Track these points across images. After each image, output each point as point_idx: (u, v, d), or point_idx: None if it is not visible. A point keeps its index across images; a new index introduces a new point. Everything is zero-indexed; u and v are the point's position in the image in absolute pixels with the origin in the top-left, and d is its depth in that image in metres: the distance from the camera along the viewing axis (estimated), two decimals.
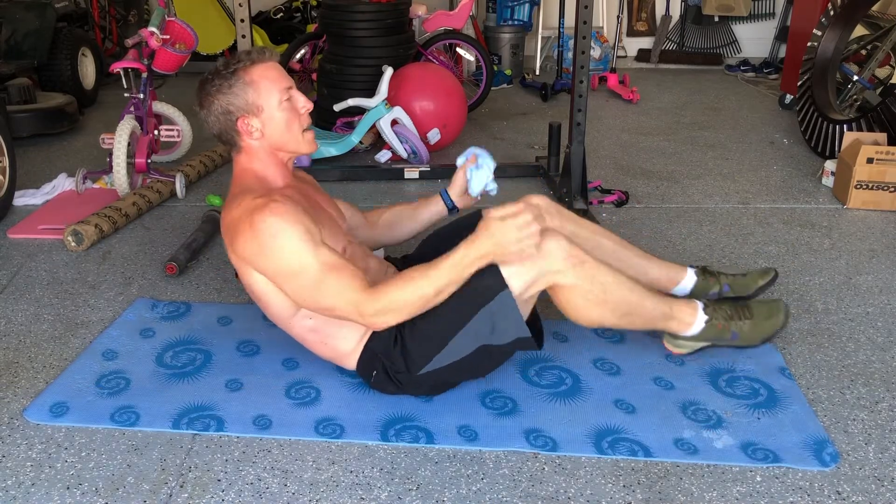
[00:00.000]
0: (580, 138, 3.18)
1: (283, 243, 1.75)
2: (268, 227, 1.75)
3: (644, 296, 1.96)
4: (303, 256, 1.75)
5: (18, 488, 1.67)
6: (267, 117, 1.86)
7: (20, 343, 2.25)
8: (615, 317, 1.93)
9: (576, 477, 1.70)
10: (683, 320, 2.03)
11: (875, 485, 1.67)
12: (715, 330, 2.05)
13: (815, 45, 4.05)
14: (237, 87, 1.84)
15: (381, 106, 3.77)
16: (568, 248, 1.84)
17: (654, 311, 1.98)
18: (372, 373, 1.93)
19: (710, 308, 2.05)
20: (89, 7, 5.45)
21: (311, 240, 1.77)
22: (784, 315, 2.11)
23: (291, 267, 1.77)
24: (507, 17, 5.92)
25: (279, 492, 1.66)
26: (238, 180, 1.93)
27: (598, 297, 1.88)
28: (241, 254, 1.83)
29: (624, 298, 1.91)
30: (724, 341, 2.08)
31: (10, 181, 3.24)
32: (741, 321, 2.07)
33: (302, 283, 1.78)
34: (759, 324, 2.08)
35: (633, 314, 1.95)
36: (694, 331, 2.05)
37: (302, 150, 1.94)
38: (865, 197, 3.21)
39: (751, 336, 2.08)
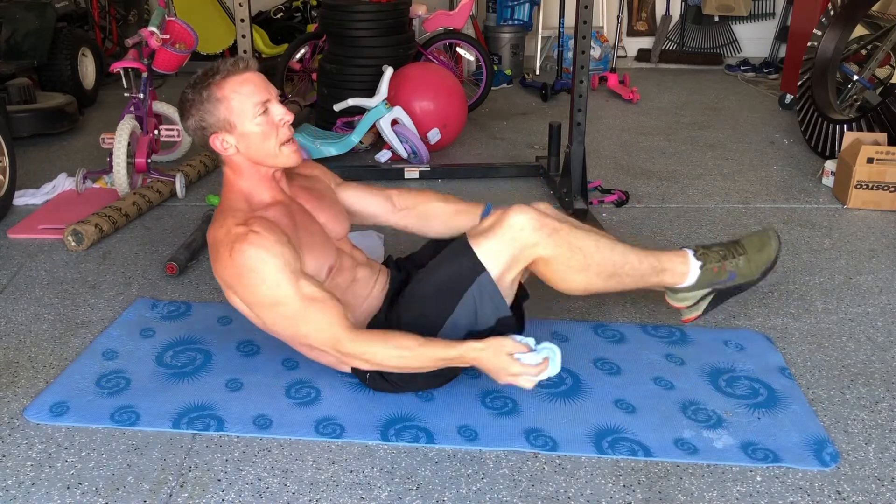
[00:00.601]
0: (580, 138, 3.18)
1: (262, 276, 1.74)
2: (246, 260, 1.73)
3: (627, 251, 1.92)
4: (281, 289, 1.75)
5: (18, 488, 1.67)
6: (240, 133, 1.81)
7: (20, 343, 2.25)
8: (602, 279, 1.90)
9: (576, 477, 1.70)
10: (676, 270, 1.98)
11: (875, 485, 1.67)
12: (711, 274, 1.98)
13: (815, 45, 4.05)
14: (209, 103, 1.80)
15: (381, 106, 3.77)
16: (537, 218, 1.82)
17: (641, 266, 1.93)
18: (366, 374, 1.93)
19: (700, 252, 1.99)
20: (89, 7, 5.45)
21: (291, 272, 1.75)
22: (776, 242, 2.03)
23: (270, 299, 1.77)
24: (507, 16, 5.92)
25: (279, 492, 1.66)
26: (225, 194, 1.91)
27: (580, 263, 1.86)
28: (221, 278, 1.84)
29: (607, 259, 1.88)
30: (723, 283, 2.00)
31: (10, 181, 3.24)
32: (735, 258, 1.99)
33: (281, 314, 1.79)
34: (754, 257, 2.00)
35: (620, 274, 1.91)
36: (690, 280, 1.99)
37: (280, 165, 1.88)
38: (865, 197, 3.21)
39: (749, 271, 2.00)
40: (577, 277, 1.89)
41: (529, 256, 1.84)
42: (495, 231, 1.82)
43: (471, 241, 1.84)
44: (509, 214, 1.82)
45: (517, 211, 1.82)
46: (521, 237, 1.81)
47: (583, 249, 1.86)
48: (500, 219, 1.84)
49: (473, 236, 1.85)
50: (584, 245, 1.86)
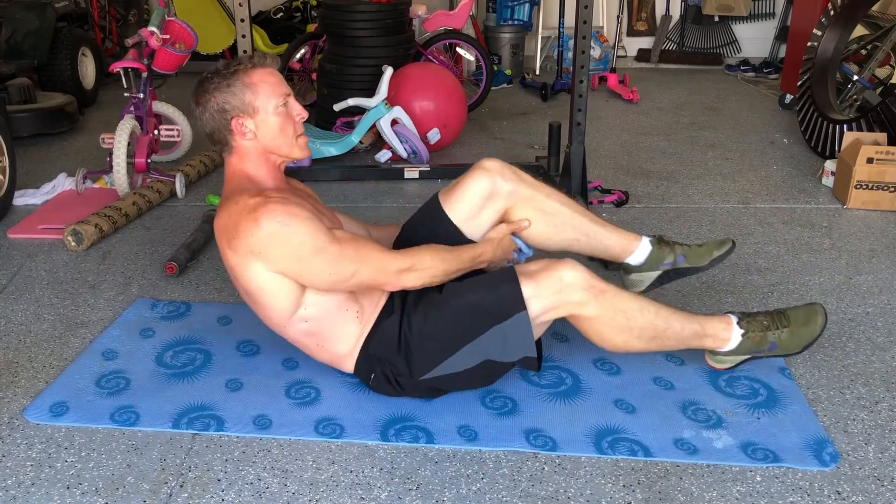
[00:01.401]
0: (580, 138, 3.18)
1: (294, 229, 1.76)
2: (274, 218, 1.75)
3: (670, 318, 1.92)
4: (317, 236, 1.78)
5: (18, 488, 1.67)
6: (261, 120, 1.87)
7: (20, 343, 2.25)
8: (642, 342, 1.92)
9: (576, 477, 1.70)
10: (718, 336, 1.97)
11: (875, 485, 1.67)
12: (752, 342, 1.97)
13: (815, 45, 4.05)
14: (236, 86, 1.84)
15: (380, 106, 3.76)
16: (587, 279, 1.84)
17: (683, 331, 1.94)
18: (370, 375, 1.93)
19: (744, 321, 1.97)
20: (89, 7, 5.45)
21: (320, 221, 1.81)
22: (822, 318, 2.00)
23: (309, 247, 1.77)
24: (507, 16, 5.92)
25: (279, 492, 1.66)
26: (230, 182, 1.93)
27: (621, 325, 1.87)
28: (246, 249, 1.78)
29: (650, 323, 1.89)
30: (763, 352, 1.99)
31: (10, 181, 3.24)
32: (778, 330, 1.97)
33: (322, 262, 1.79)
34: (797, 331, 1.98)
35: (661, 337, 1.92)
36: (731, 346, 1.98)
37: (294, 155, 1.94)
38: (865, 197, 3.21)
39: (790, 344, 1.98)
40: (618, 338, 1.90)
41: (570, 311, 1.86)
42: (543, 277, 1.83)
43: (519, 277, 1.84)
44: (561, 268, 1.84)
45: (569, 267, 1.84)
46: (567, 292, 1.83)
47: (626, 313, 1.87)
48: (551, 267, 1.85)
49: (521, 274, 1.85)
50: (629, 309, 1.87)
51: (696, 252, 2.17)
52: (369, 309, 1.93)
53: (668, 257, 2.15)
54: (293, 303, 1.85)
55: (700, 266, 2.17)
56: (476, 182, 2.03)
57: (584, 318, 1.87)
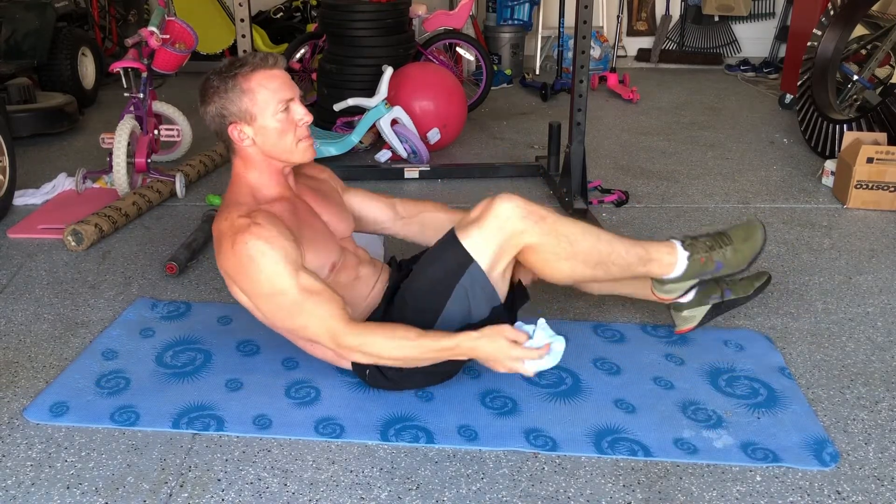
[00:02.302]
0: (580, 138, 3.18)
1: (261, 267, 1.76)
2: (247, 250, 1.76)
3: (613, 241, 1.93)
4: (281, 280, 1.76)
5: (18, 488, 1.67)
6: (259, 126, 1.85)
7: (20, 343, 2.25)
8: (588, 267, 1.91)
9: (575, 477, 1.70)
10: (663, 260, 1.98)
11: (875, 484, 1.67)
12: (698, 265, 1.99)
13: (815, 45, 4.05)
14: (233, 93, 1.82)
15: (380, 105, 3.76)
16: (524, 206, 1.83)
17: (627, 255, 1.94)
18: (366, 371, 1.93)
19: (688, 242, 2.00)
20: (89, 7, 5.45)
21: (291, 264, 1.77)
22: (761, 231, 2.04)
23: (268, 289, 1.79)
24: (507, 16, 5.92)
25: (279, 491, 1.66)
26: (232, 187, 1.94)
27: (566, 251, 1.87)
28: (223, 269, 1.87)
29: (593, 247, 1.89)
30: (710, 273, 2.02)
31: (10, 181, 3.24)
32: (722, 248, 2.00)
33: (278, 305, 1.80)
34: (740, 248, 2.01)
35: (606, 262, 1.92)
36: (678, 270, 1.99)
37: (294, 160, 1.92)
38: (865, 197, 3.21)
39: (735, 261, 2.02)
40: (564, 265, 1.90)
41: (517, 245, 1.85)
42: (482, 221, 1.83)
43: (458, 234, 1.85)
44: (495, 204, 1.83)
45: (503, 200, 1.83)
46: (507, 226, 1.82)
47: (569, 237, 1.87)
48: (487, 208, 1.84)
49: (461, 228, 1.86)
50: (571, 232, 1.88)
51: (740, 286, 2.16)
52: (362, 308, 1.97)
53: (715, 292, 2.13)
54: None
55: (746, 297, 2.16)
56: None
57: (529, 249, 1.86)
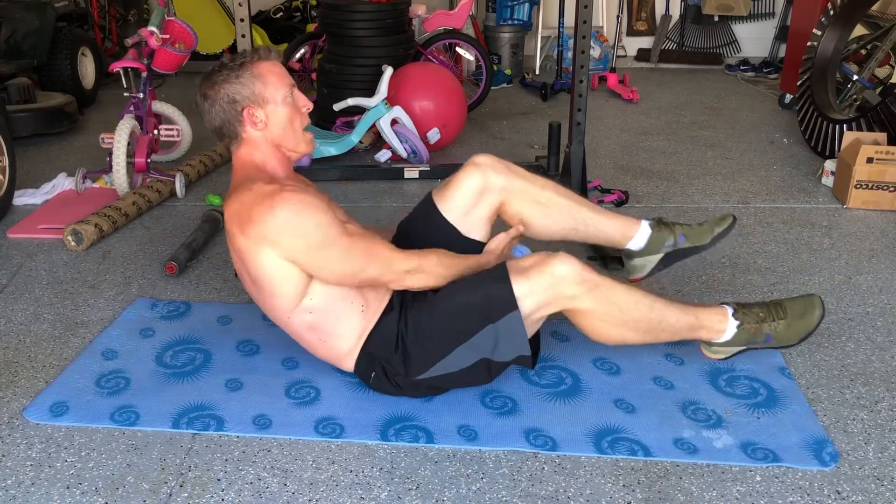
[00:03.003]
0: (580, 138, 3.18)
1: (308, 218, 1.77)
2: (290, 206, 1.76)
3: (665, 310, 1.91)
4: (330, 227, 1.79)
5: (18, 488, 1.67)
6: (271, 110, 1.89)
7: (20, 343, 2.25)
8: (637, 335, 1.92)
9: (575, 476, 1.70)
10: (713, 328, 1.97)
11: (875, 484, 1.67)
12: (747, 334, 1.97)
13: (814, 45, 4.05)
14: (245, 77, 1.87)
15: (380, 105, 3.76)
16: (580, 273, 1.83)
17: (678, 323, 1.93)
18: (370, 374, 1.93)
19: (740, 312, 1.97)
20: (89, 7, 5.45)
21: (332, 214, 1.82)
22: (819, 310, 1.99)
23: (320, 239, 1.79)
24: (506, 16, 5.92)
25: (279, 491, 1.66)
26: (240, 172, 1.93)
27: (616, 319, 1.87)
28: (259, 236, 1.78)
29: (644, 316, 1.89)
30: (758, 344, 1.99)
31: (10, 181, 3.24)
32: (774, 322, 1.97)
33: (331, 254, 1.81)
34: (794, 323, 1.97)
35: (655, 330, 1.92)
36: (726, 337, 1.98)
37: (300, 149, 1.96)
38: (865, 196, 3.21)
39: (786, 336, 1.98)
40: (613, 331, 1.90)
41: (564, 305, 1.86)
42: (535, 273, 1.82)
43: (511, 276, 1.83)
44: (553, 261, 1.82)
45: (562, 261, 1.82)
46: (560, 287, 1.82)
47: (621, 306, 1.86)
48: (543, 263, 1.83)
49: (513, 271, 1.84)
50: (623, 301, 1.87)
51: (697, 231, 2.15)
52: (375, 304, 1.92)
53: (669, 238, 2.14)
54: (299, 292, 1.84)
55: (702, 245, 2.15)
56: (468, 178, 2.05)
57: (579, 312, 1.87)
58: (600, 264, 2.69)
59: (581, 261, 1.85)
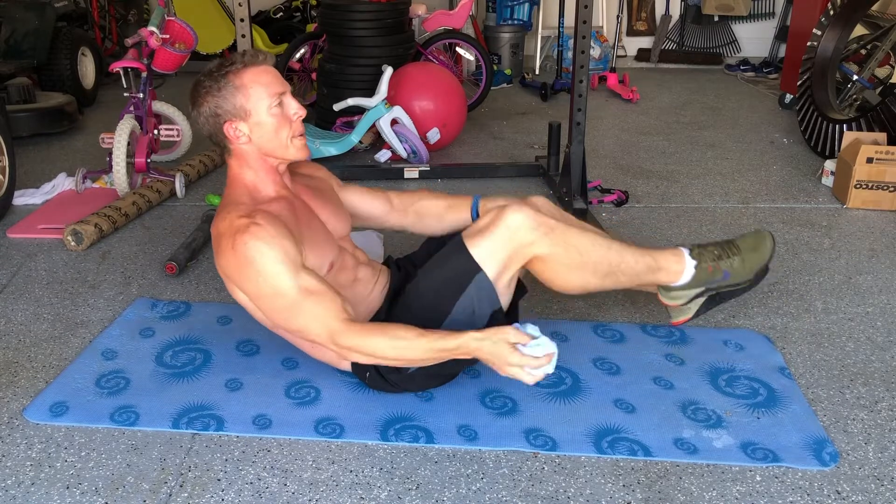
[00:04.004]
0: (580, 138, 3.18)
1: (260, 267, 1.74)
2: (247, 250, 1.74)
3: (623, 250, 1.92)
4: (280, 280, 1.75)
5: (18, 488, 1.67)
6: (255, 122, 1.83)
7: (20, 343, 2.25)
8: (597, 278, 1.91)
9: (575, 476, 1.70)
10: (671, 269, 1.97)
11: (875, 484, 1.67)
12: (706, 273, 1.98)
13: (814, 45, 4.05)
14: (226, 90, 1.81)
15: (380, 105, 3.77)
16: (534, 217, 1.82)
17: (637, 265, 1.93)
18: (366, 373, 1.93)
19: (696, 251, 1.99)
20: (89, 7, 5.45)
21: (291, 263, 1.76)
22: (770, 242, 2.03)
23: (268, 290, 1.77)
24: (506, 16, 5.92)
25: (279, 491, 1.66)
26: (229, 188, 1.92)
27: (575, 261, 1.86)
28: (222, 270, 1.85)
29: (603, 257, 1.89)
30: (716, 282, 2.00)
31: (10, 181, 3.24)
32: (730, 258, 1.98)
33: (278, 305, 1.79)
34: (748, 257, 2.00)
35: (615, 272, 1.91)
36: (685, 278, 1.98)
37: (290, 157, 1.91)
38: (865, 196, 3.21)
39: (742, 271, 2.00)
40: (574, 276, 1.90)
41: (526, 255, 1.84)
42: (491, 230, 1.82)
43: (466, 242, 1.83)
44: (506, 213, 1.82)
45: (514, 210, 1.82)
46: (517, 236, 1.81)
47: (579, 248, 1.86)
48: (496, 218, 1.83)
49: (469, 236, 1.85)
50: (581, 243, 1.87)
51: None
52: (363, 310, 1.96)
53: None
54: None
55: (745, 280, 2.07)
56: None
57: (539, 259, 1.85)
58: None
59: (532, 207, 1.84)
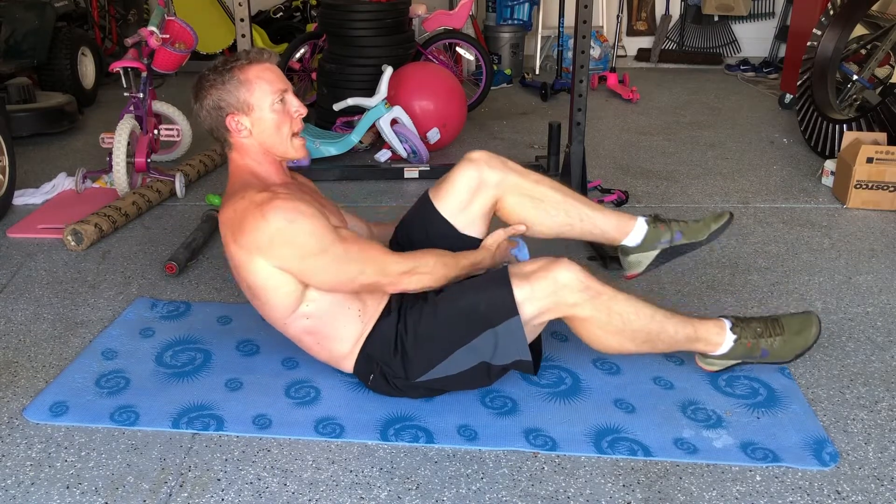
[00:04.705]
0: (580, 138, 3.18)
1: (300, 226, 1.76)
2: (282, 214, 1.75)
3: (665, 321, 1.91)
4: (323, 235, 1.78)
5: (18, 487, 1.67)
6: (257, 117, 1.86)
7: (20, 343, 2.25)
8: (635, 345, 1.91)
9: (575, 476, 1.70)
10: (710, 341, 1.97)
11: (875, 484, 1.67)
12: (744, 348, 1.97)
13: (814, 45, 4.05)
14: (231, 84, 1.84)
15: (380, 105, 3.76)
16: (583, 280, 1.82)
17: (676, 335, 1.93)
18: (369, 376, 1.93)
19: (738, 327, 1.97)
20: (89, 6, 5.45)
21: (326, 219, 1.81)
22: (816, 328, 1.99)
23: (314, 246, 1.77)
24: (506, 16, 5.92)
25: (279, 491, 1.66)
26: (235, 178, 1.93)
27: (616, 328, 1.86)
28: (251, 245, 1.79)
29: (644, 327, 1.88)
30: (754, 358, 2.00)
31: (10, 180, 3.24)
32: (771, 338, 1.97)
33: (325, 261, 1.79)
34: (791, 339, 1.98)
35: (654, 340, 1.91)
36: (723, 350, 1.98)
37: (289, 155, 1.93)
38: (865, 196, 3.21)
39: (782, 352, 1.99)
40: (612, 340, 1.90)
41: (566, 312, 1.85)
42: (538, 279, 1.81)
43: (512, 280, 1.82)
44: (557, 267, 1.82)
45: (565, 268, 1.82)
46: (562, 294, 1.81)
47: (622, 316, 1.86)
48: (546, 268, 1.82)
49: (515, 276, 1.84)
50: (624, 311, 1.86)
51: (694, 227, 2.12)
52: (372, 308, 1.92)
53: (665, 235, 2.10)
54: (295, 299, 1.84)
55: (698, 241, 2.11)
56: (463, 174, 2.02)
57: (579, 319, 1.86)
58: (600, 264, 2.69)
59: (583, 268, 1.85)
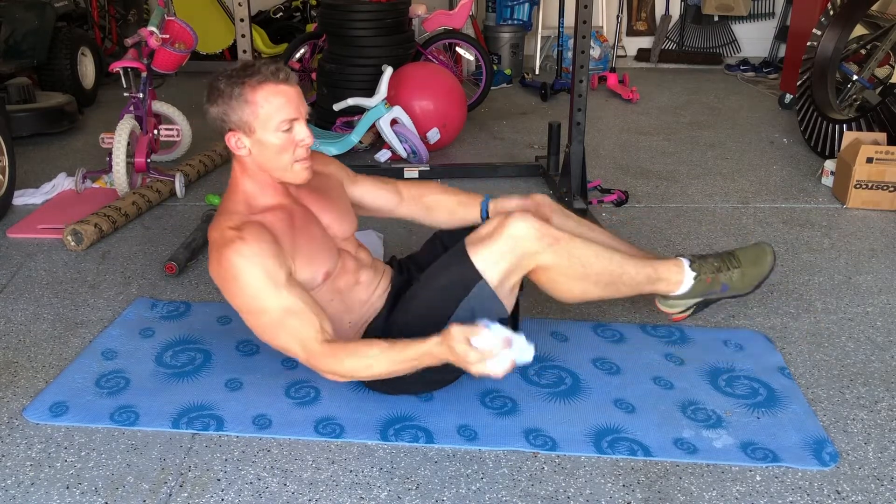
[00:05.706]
0: (580, 138, 3.18)
1: (242, 284, 1.73)
2: (230, 266, 1.73)
3: (624, 262, 1.93)
4: (262, 299, 1.74)
5: (18, 488, 1.67)
6: (257, 140, 1.79)
7: (20, 343, 2.25)
8: (598, 288, 1.92)
9: (575, 476, 1.70)
10: (670, 280, 1.99)
11: (875, 484, 1.67)
12: (704, 285, 2.01)
13: (814, 45, 4.05)
14: (237, 101, 1.76)
15: (380, 105, 3.77)
16: (539, 228, 1.82)
17: (637, 275, 1.95)
18: None
19: (696, 263, 2.01)
20: (89, 7, 5.45)
21: (273, 282, 1.73)
22: (771, 256, 2.05)
23: (249, 307, 1.77)
24: (506, 16, 5.92)
25: (279, 491, 1.66)
26: (229, 192, 1.90)
27: (578, 272, 1.87)
28: (212, 278, 1.83)
29: (605, 269, 1.90)
30: (714, 294, 2.03)
31: (10, 180, 3.24)
32: (729, 271, 2.01)
33: (259, 323, 1.78)
34: (748, 271, 2.03)
35: (616, 283, 1.93)
36: (683, 289, 2.01)
37: (286, 180, 1.86)
38: (865, 196, 3.21)
39: (741, 285, 2.03)
40: (575, 286, 1.90)
41: (529, 265, 1.84)
42: (495, 238, 1.81)
43: (469, 249, 1.82)
44: (510, 223, 1.81)
45: (518, 219, 1.81)
46: (521, 245, 1.81)
47: (582, 259, 1.86)
48: (501, 226, 1.82)
49: (472, 244, 1.83)
50: (584, 255, 1.87)
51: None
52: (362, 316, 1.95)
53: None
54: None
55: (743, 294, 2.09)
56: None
57: (542, 269, 1.86)
58: None
59: (535, 217, 1.84)
